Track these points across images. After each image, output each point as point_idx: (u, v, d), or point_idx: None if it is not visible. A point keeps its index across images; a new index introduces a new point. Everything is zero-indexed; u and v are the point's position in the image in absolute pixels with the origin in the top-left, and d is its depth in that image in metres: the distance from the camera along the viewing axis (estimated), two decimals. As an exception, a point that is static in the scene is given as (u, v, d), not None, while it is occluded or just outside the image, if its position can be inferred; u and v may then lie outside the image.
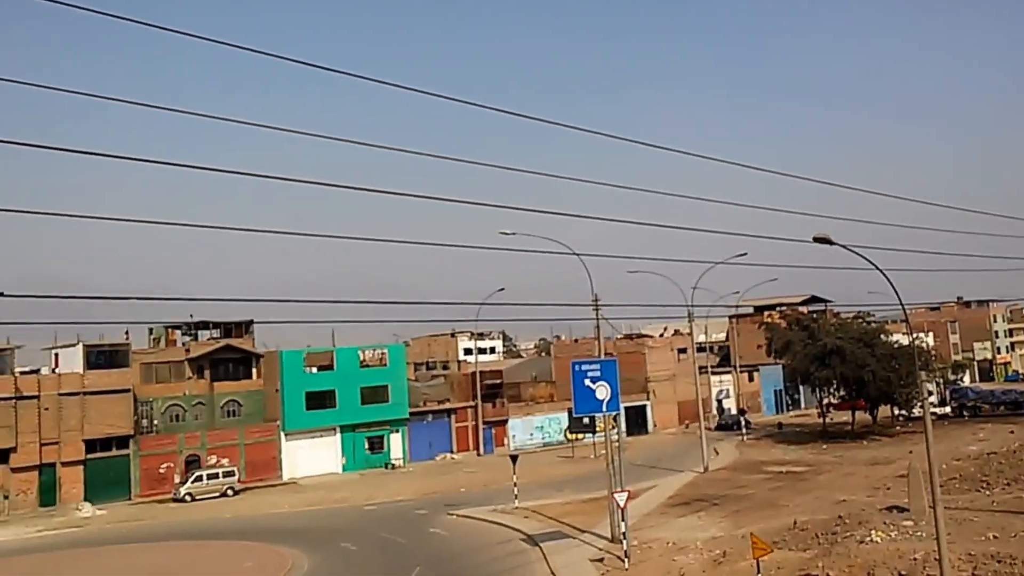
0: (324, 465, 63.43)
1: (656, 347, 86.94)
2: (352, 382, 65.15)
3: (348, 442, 65.03)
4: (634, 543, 31.20)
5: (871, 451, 55.96)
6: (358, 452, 65.35)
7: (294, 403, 62.58)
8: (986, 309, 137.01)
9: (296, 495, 54.58)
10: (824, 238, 19.74)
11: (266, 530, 41.34)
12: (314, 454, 63.33)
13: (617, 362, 33.58)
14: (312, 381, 64.49)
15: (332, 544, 37.14)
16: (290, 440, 62.69)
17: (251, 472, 60.00)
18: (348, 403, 64.52)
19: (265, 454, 61.68)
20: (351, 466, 64.44)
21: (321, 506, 49.37)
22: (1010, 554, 21.48)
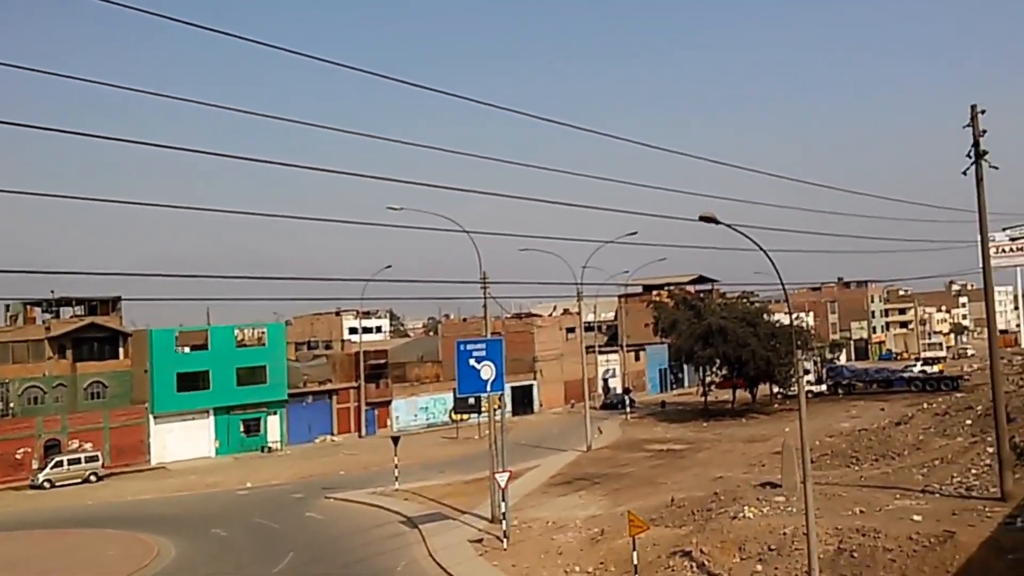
0: (196, 449, 61.49)
1: (545, 326, 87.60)
2: (227, 362, 63.35)
3: (222, 425, 63.19)
4: (514, 523, 31.52)
5: (749, 429, 57.79)
6: (233, 435, 63.56)
7: (164, 384, 60.38)
8: (864, 290, 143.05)
9: (165, 480, 52.93)
10: (710, 217, 20.01)
11: (131, 517, 39.96)
12: (186, 437, 61.39)
13: (503, 341, 33.92)
14: (184, 361, 62.27)
15: (202, 531, 36.19)
16: (160, 423, 60.50)
17: (117, 457, 57.69)
18: (223, 384, 62.74)
19: (132, 438, 59.29)
20: (225, 450, 62.61)
21: (191, 491, 48.04)
22: (874, 527, 22.31)
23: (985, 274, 26.69)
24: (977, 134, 24.87)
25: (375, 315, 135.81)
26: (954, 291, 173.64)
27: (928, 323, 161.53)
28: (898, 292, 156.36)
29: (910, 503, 25.17)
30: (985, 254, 26.68)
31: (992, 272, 27.35)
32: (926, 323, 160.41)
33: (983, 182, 25.46)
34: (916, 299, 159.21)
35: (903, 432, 39.43)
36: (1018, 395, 38.67)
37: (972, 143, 24.90)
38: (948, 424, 38.73)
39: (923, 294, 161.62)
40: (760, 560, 22.73)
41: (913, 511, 23.77)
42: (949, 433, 36.52)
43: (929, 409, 46.45)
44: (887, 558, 20.92)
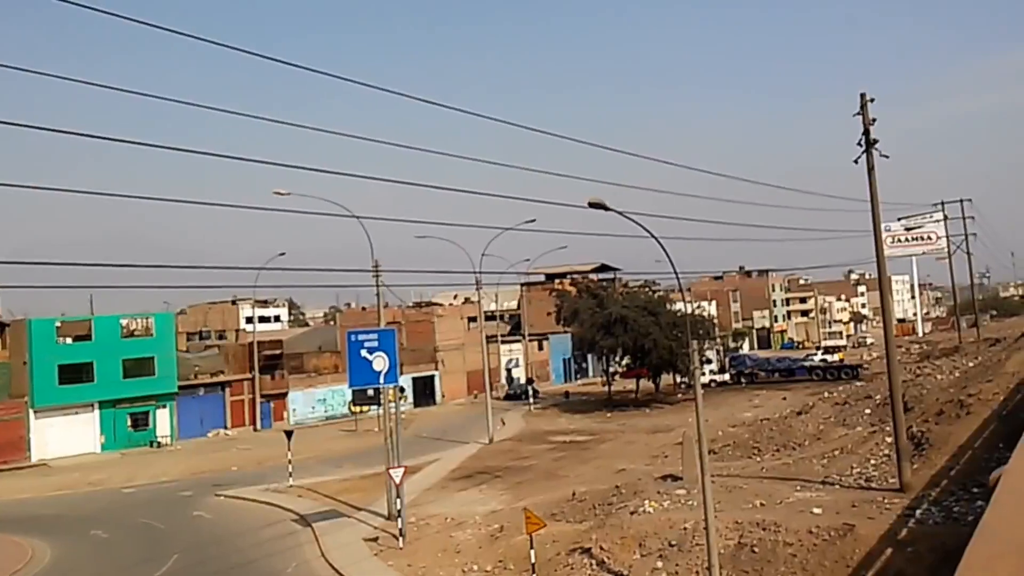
0: (80, 444, 58.99)
1: (446, 316, 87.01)
2: (113, 353, 60.90)
3: (108, 419, 60.85)
4: (411, 520, 31.00)
5: (653, 419, 58.10)
6: (120, 430, 61.26)
7: (45, 377, 57.90)
8: (765, 279, 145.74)
9: (45, 478, 50.67)
10: (599, 203, 19.73)
11: (4, 519, 38.19)
12: (69, 433, 58.87)
13: (396, 332, 33.21)
14: (66, 353, 59.95)
15: (80, 532, 34.73)
16: (40, 418, 58.01)
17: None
18: (108, 376, 60.33)
19: (10, 433, 56.56)
20: (111, 445, 60.20)
21: (73, 490, 46.03)
22: (774, 521, 22.32)
23: (879, 263, 26.94)
24: (867, 122, 25.09)
25: (273, 304, 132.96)
26: (853, 280, 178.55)
27: (828, 312, 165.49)
28: (799, 281, 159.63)
29: (810, 495, 25.36)
30: (878, 243, 26.93)
31: (886, 261, 27.74)
32: (826, 312, 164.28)
33: (874, 171, 25.72)
34: (816, 288, 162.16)
35: (804, 422, 40.03)
36: (915, 384, 39.58)
37: (863, 131, 25.11)
38: (848, 413, 39.46)
39: (823, 283, 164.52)
40: (660, 556, 22.54)
41: (813, 503, 23.91)
42: (849, 423, 37.17)
43: (829, 398, 47.36)
44: (788, 552, 20.92)
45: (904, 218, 71.95)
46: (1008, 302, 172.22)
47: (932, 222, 71.90)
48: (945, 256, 75.00)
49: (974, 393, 29.62)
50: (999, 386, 29.96)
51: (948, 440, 26.19)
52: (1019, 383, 28.74)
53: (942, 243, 72.69)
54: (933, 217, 72.04)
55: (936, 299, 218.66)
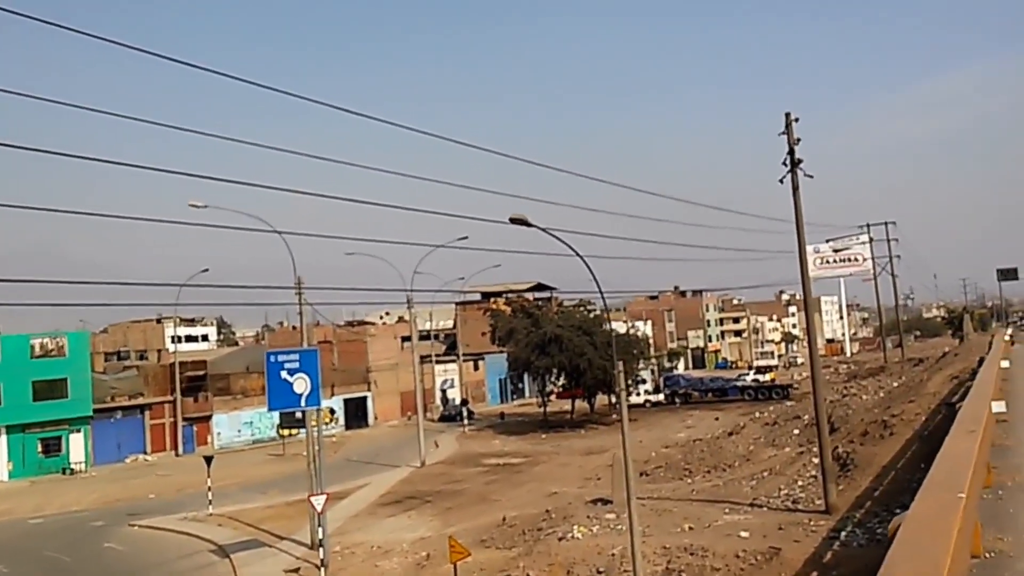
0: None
1: (379, 335, 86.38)
2: (21, 375, 59.09)
3: (16, 444, 58.85)
4: (336, 549, 30.51)
5: (588, 440, 58.31)
6: (29, 456, 59.28)
7: None
8: (699, 299, 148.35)
9: None
10: (521, 219, 19.77)
11: None
12: None
13: (319, 352, 32.34)
14: None
15: None
16: None
17: None
18: (16, 399, 58.57)
19: None
20: (20, 472, 58.24)
21: None
22: (702, 545, 22.47)
23: (804, 282, 27.32)
24: (792, 142, 25.52)
25: (201, 323, 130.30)
26: (785, 300, 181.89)
27: (761, 332, 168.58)
28: (732, 301, 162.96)
29: (739, 518, 25.61)
30: (803, 262, 27.30)
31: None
32: (759, 332, 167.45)
33: (799, 191, 26.16)
34: (749, 308, 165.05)
35: (734, 443, 40.56)
36: (841, 404, 40.30)
37: (787, 151, 25.52)
38: (777, 434, 40.04)
39: (756, 303, 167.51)
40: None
41: (741, 526, 24.14)
42: (778, 443, 37.71)
43: (760, 419, 48.05)
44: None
45: (832, 240, 73.52)
46: (931, 323, 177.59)
47: (858, 244, 73.61)
48: (871, 277, 76.77)
49: (897, 414, 30.25)
50: (921, 406, 30.67)
51: (872, 461, 26.60)
52: (939, 403, 29.45)
53: (868, 265, 74.42)
54: (859, 239, 73.77)
55: (863, 319, 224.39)
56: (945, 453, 10.91)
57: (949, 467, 9.96)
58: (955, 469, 9.72)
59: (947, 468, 9.92)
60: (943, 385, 34.88)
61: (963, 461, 10.03)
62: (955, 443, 11.70)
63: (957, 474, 9.32)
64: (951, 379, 36.60)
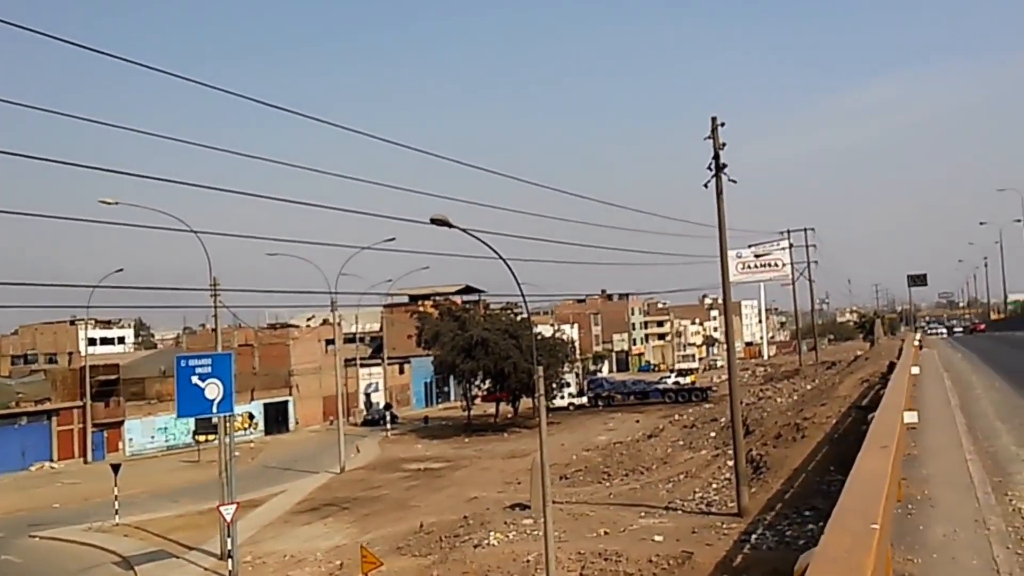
0: None
1: (302, 338, 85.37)
2: None
3: None
4: (247, 559, 30.17)
5: (511, 444, 58.56)
6: None
7: None
8: (625, 302, 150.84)
9: None
10: (442, 220, 19.65)
11: None
12: None
13: (232, 356, 31.93)
14: None
15: None
16: None
17: None
18: None
19: None
20: None
21: None
22: (616, 551, 22.59)
23: (724, 285, 27.73)
24: (717, 146, 25.87)
25: (117, 325, 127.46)
26: (707, 304, 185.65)
27: (683, 335, 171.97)
28: (656, 305, 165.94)
29: (654, 522, 25.87)
30: (724, 266, 27.68)
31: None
32: (682, 335, 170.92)
33: (723, 195, 26.53)
34: (673, 312, 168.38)
35: (653, 446, 41.11)
36: (756, 407, 41.05)
37: (713, 156, 25.87)
38: (694, 437, 40.68)
39: (680, 307, 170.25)
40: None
41: (656, 530, 24.37)
42: (695, 446, 38.33)
43: (679, 421, 48.78)
44: (628, 583, 21.16)
45: (754, 245, 75.31)
46: (844, 327, 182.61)
47: (779, 249, 75.59)
48: (789, 282, 78.76)
49: (809, 416, 30.98)
50: (832, 409, 31.42)
51: (784, 463, 27.10)
52: (850, 407, 30.16)
53: (787, 270, 76.60)
54: (780, 245, 75.78)
55: (781, 323, 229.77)
56: (857, 474, 10.50)
57: (862, 491, 9.42)
58: (868, 493, 9.04)
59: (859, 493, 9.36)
60: (854, 388, 35.82)
61: (876, 485, 9.40)
62: (868, 462, 11.23)
63: (870, 500, 8.86)
64: (861, 382, 37.59)
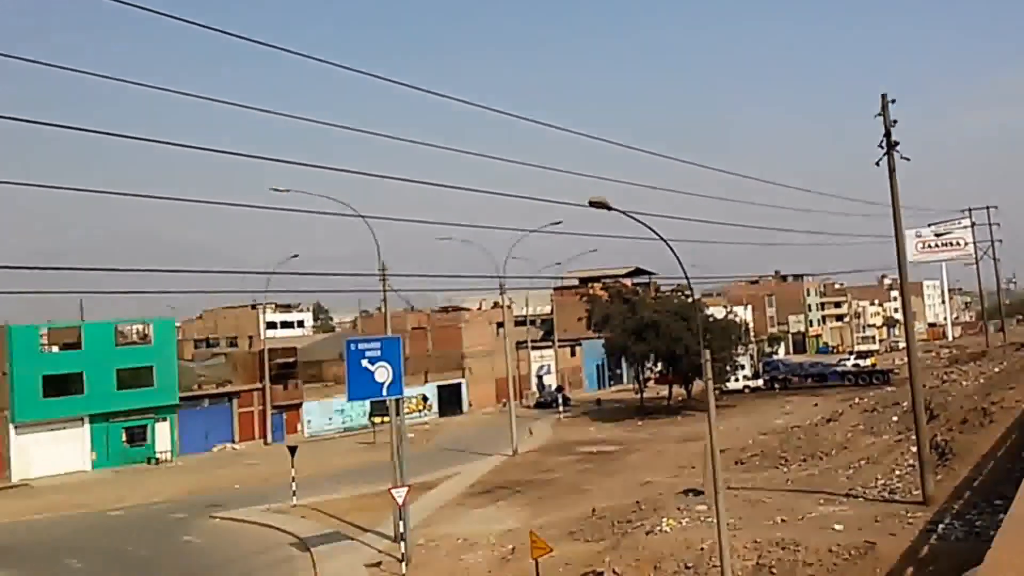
0: (69, 462, 57.10)
1: (474, 321, 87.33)
2: (105, 363, 59.25)
3: (100, 434, 59.25)
4: (420, 541, 30.91)
5: (684, 427, 58.24)
6: (113, 445, 59.65)
7: (27, 388, 55.99)
8: (800, 283, 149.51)
9: (24, 501, 48.79)
10: (601, 202, 19.70)
11: None
12: (55, 449, 56.78)
13: (401, 340, 32.73)
14: (52, 362, 58.10)
15: (52, 562, 33.39)
16: (22, 433, 56.11)
17: None
18: (100, 388, 58.70)
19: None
20: (104, 462, 58.67)
21: (53, 514, 44.01)
22: (794, 539, 22.24)
23: (900, 265, 27.20)
24: (888, 124, 25.43)
25: (297, 309, 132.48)
26: (886, 285, 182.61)
27: (862, 316, 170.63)
28: (834, 286, 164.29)
29: (833, 509, 25.43)
30: (899, 245, 27.16)
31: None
32: (860, 316, 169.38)
33: (895, 173, 25.98)
34: (851, 293, 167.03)
35: (832, 430, 40.15)
36: (940, 391, 39.51)
37: (884, 133, 25.29)
38: (875, 421, 39.52)
39: (857, 288, 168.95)
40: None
41: (835, 519, 23.97)
42: (876, 430, 37.22)
43: (859, 405, 47.45)
44: (807, 573, 20.94)
45: (934, 224, 73.50)
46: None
47: (960, 228, 73.85)
48: (973, 262, 77.51)
49: (997, 401, 29.81)
50: (1021, 393, 30.16)
51: (971, 450, 26.21)
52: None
53: (970, 249, 74.93)
54: (961, 223, 74.09)
55: (966, 303, 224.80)
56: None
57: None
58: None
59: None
60: (1046, 371, 34.10)
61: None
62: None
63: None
64: (1054, 365, 35.78)
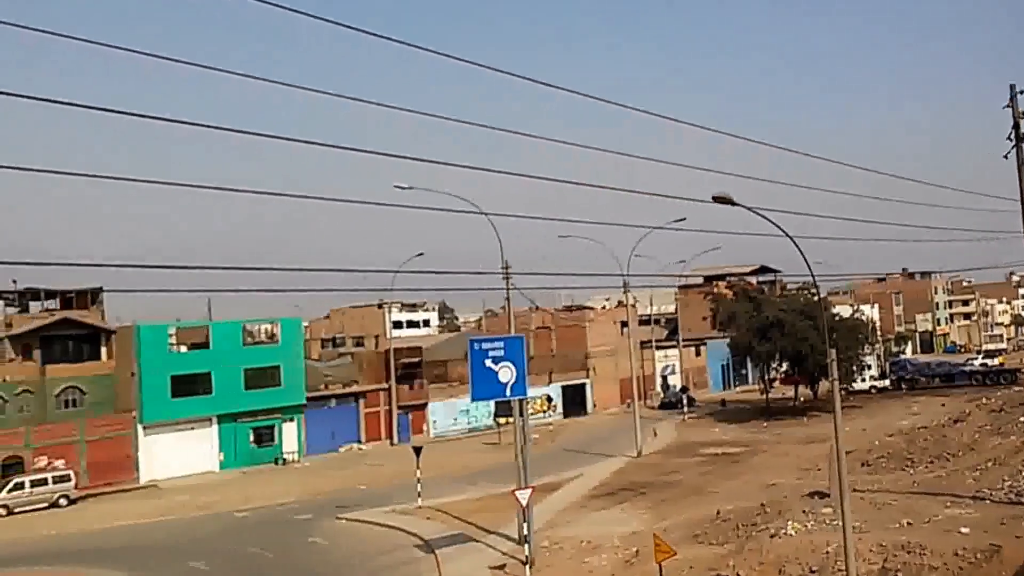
0: (197, 463, 57.88)
1: (597, 320, 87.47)
2: (233, 362, 59.98)
3: (228, 434, 60.08)
4: (544, 544, 31.21)
5: (810, 428, 57.90)
6: (241, 445, 60.50)
7: (156, 389, 56.59)
8: (928, 281, 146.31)
9: (152, 501, 49.70)
10: (725, 198, 19.68)
11: (94, 549, 37.19)
12: (183, 450, 57.52)
13: (523, 339, 32.94)
14: (180, 362, 58.71)
15: (177, 564, 33.71)
16: (150, 434, 56.65)
17: (97, 475, 53.75)
18: (227, 387, 59.46)
19: (117, 452, 55.07)
20: (231, 462, 59.58)
21: (180, 514, 45.01)
22: (919, 543, 22.29)
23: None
24: (1017, 115, 25.01)
25: (422, 308, 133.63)
26: (1014, 282, 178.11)
27: (990, 315, 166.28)
28: (961, 283, 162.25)
29: (959, 512, 25.48)
30: (1030, 241, 26.81)
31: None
32: (988, 315, 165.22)
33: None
34: (978, 290, 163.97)
35: (959, 431, 39.85)
36: (1070, 391, 38.77)
37: (1012, 124, 24.95)
38: (1003, 421, 39.13)
39: (985, 285, 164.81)
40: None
41: (962, 521, 24.06)
42: (1004, 431, 36.93)
43: (986, 405, 46.69)
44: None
45: None
46: None
47: None
48: None
49: None
50: None
51: (1104, 451, 25.69)
52: None
53: None
54: None
55: None
56: None
57: None
58: None
59: None
60: None
61: None
62: None
63: None
64: None
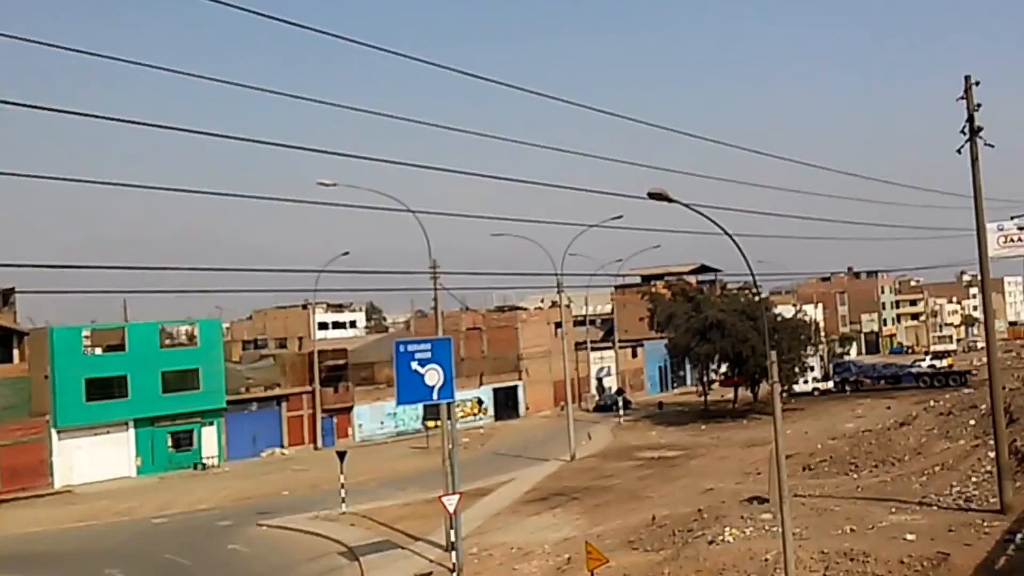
0: (113, 468, 57.33)
1: (531, 321, 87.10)
2: (150, 365, 59.22)
3: (145, 439, 59.25)
4: (473, 551, 30.97)
5: (750, 431, 58.11)
6: (159, 451, 59.77)
7: (70, 392, 55.94)
8: (874, 280, 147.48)
9: (66, 508, 48.95)
10: (661, 194, 19.47)
11: (7, 556, 36.91)
12: (99, 455, 56.96)
13: (452, 341, 32.43)
14: (95, 365, 57.98)
15: (92, 571, 33.68)
16: (65, 439, 56.11)
17: (9, 480, 53.12)
18: (145, 391, 58.67)
19: (30, 457, 54.40)
20: (149, 468, 58.74)
21: (96, 521, 44.37)
22: (863, 550, 22.09)
23: (981, 261, 27.02)
24: (971, 108, 25.05)
25: (349, 309, 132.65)
26: (965, 281, 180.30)
27: (939, 315, 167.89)
28: (909, 283, 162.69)
29: (905, 518, 25.34)
30: (981, 238, 26.90)
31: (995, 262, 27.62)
32: (937, 315, 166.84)
33: (978, 161, 25.59)
34: (927, 290, 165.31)
35: (905, 434, 40.14)
36: (1022, 393, 39.09)
37: (966, 118, 24.84)
38: (951, 425, 39.48)
39: (934, 285, 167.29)
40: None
41: (907, 528, 23.89)
42: (952, 435, 37.19)
43: (934, 408, 47.24)
44: (876, 587, 20.77)
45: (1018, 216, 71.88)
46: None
47: None
48: None
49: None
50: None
51: (1054, 456, 25.78)
52: None
53: None
54: None
55: None
56: None
57: None
58: None
59: None
60: None
61: None
62: None
63: None
64: None
